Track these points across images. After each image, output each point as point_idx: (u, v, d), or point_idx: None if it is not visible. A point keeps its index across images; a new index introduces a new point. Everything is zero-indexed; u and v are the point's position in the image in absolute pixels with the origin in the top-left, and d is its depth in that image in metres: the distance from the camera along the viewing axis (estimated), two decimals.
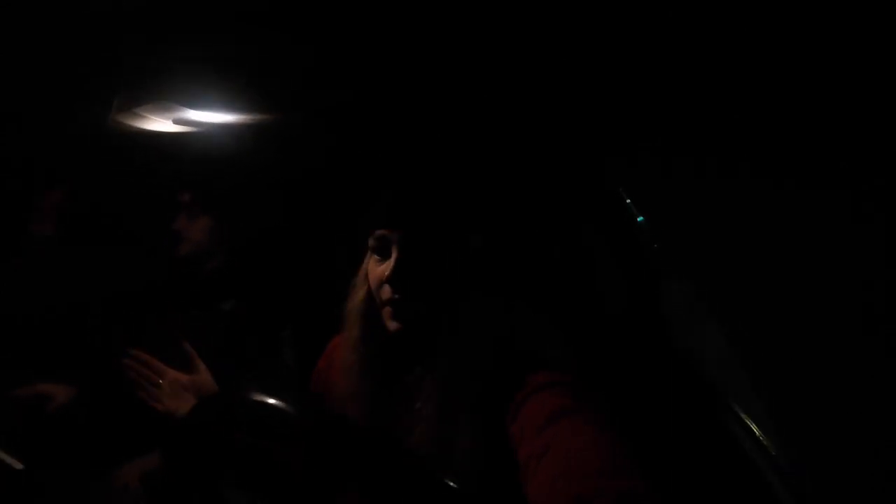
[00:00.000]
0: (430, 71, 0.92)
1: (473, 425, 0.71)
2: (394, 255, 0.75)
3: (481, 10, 0.75)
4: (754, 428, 0.91)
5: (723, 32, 0.74)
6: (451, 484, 0.67)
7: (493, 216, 0.93)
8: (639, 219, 1.07)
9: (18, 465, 1.03)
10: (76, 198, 1.32)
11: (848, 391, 0.78)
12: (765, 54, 0.77)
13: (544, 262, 1.13)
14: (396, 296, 0.75)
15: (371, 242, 0.79)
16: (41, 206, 1.28)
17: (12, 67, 1.04)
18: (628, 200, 1.09)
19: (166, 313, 1.31)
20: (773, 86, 0.82)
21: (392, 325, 0.76)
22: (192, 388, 0.93)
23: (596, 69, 0.83)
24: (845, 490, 0.78)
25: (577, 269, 1.12)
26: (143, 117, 1.17)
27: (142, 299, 1.31)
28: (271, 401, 0.76)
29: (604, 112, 0.99)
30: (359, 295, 0.83)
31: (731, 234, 0.89)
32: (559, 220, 1.15)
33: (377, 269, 0.78)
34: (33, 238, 1.29)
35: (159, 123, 1.19)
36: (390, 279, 0.74)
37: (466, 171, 0.98)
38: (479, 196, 0.89)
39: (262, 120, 1.17)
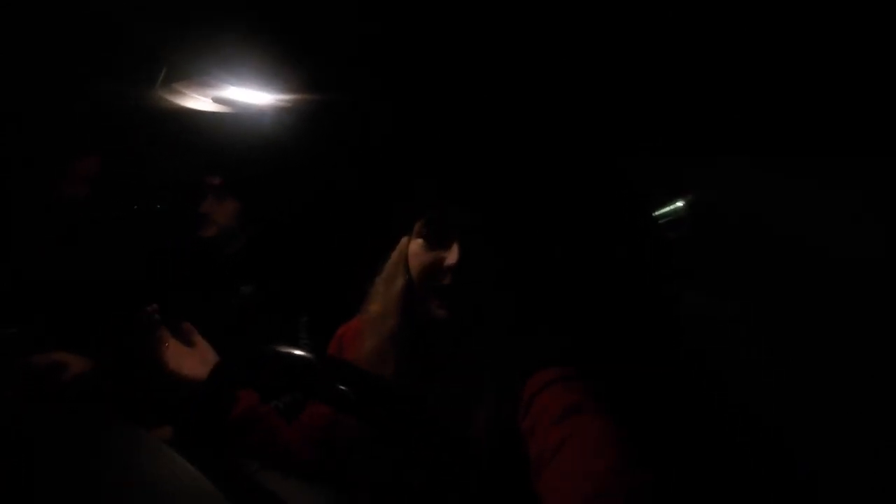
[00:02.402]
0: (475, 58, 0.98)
1: (489, 417, 0.70)
2: (458, 243, 0.72)
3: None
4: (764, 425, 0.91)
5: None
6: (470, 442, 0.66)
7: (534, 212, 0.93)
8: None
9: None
10: (110, 165, 1.26)
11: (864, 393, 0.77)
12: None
13: (553, 257, 1.12)
14: (455, 283, 0.72)
15: (419, 227, 0.76)
16: (75, 169, 1.20)
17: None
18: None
19: (186, 293, 1.24)
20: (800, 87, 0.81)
21: (440, 312, 0.74)
22: (197, 355, 0.89)
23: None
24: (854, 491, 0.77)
25: (588, 266, 1.12)
26: (182, 94, 1.24)
27: (163, 278, 1.24)
28: (293, 351, 0.69)
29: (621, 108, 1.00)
30: (396, 285, 0.79)
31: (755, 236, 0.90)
32: (571, 217, 1.14)
33: (425, 255, 0.75)
34: (65, 200, 1.18)
35: (198, 101, 1.26)
36: (455, 268, 0.71)
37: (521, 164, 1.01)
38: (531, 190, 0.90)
39: (300, 102, 1.30)
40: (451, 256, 0.72)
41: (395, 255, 0.82)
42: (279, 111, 1.29)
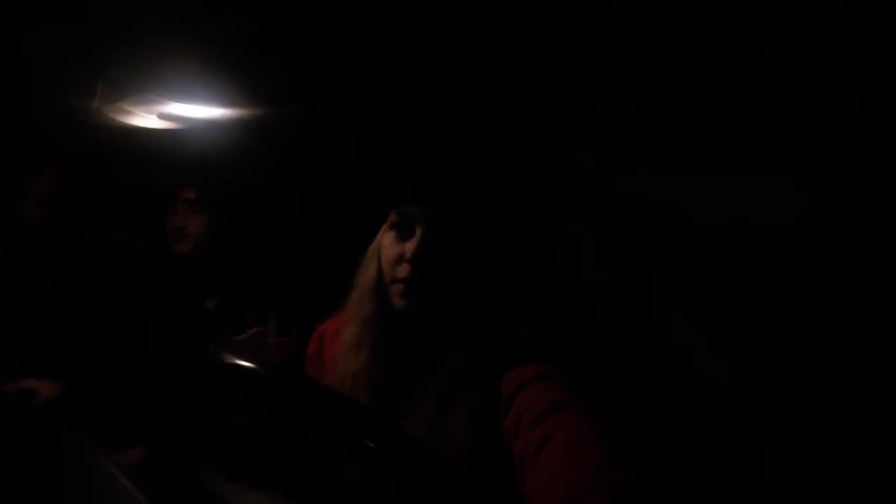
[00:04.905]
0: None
1: (469, 416, 0.70)
2: (418, 233, 0.74)
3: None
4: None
5: None
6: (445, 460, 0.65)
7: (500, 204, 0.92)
8: None
9: None
10: (66, 183, 1.25)
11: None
12: None
13: (532, 250, 1.12)
14: (413, 275, 0.73)
15: (392, 218, 0.78)
16: (31, 188, 1.19)
17: None
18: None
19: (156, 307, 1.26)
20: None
21: (400, 302, 0.75)
22: None
23: None
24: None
25: (565, 259, 1.10)
26: (126, 111, 1.23)
27: (132, 292, 1.25)
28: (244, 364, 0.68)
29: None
30: (369, 271, 0.81)
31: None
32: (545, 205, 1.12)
33: (394, 246, 0.76)
34: (22, 221, 1.18)
35: (143, 118, 1.26)
36: (412, 258, 0.73)
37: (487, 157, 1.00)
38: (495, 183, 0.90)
39: (248, 114, 1.30)
40: (409, 249, 0.74)
41: (372, 244, 0.84)
42: (231, 125, 1.29)
